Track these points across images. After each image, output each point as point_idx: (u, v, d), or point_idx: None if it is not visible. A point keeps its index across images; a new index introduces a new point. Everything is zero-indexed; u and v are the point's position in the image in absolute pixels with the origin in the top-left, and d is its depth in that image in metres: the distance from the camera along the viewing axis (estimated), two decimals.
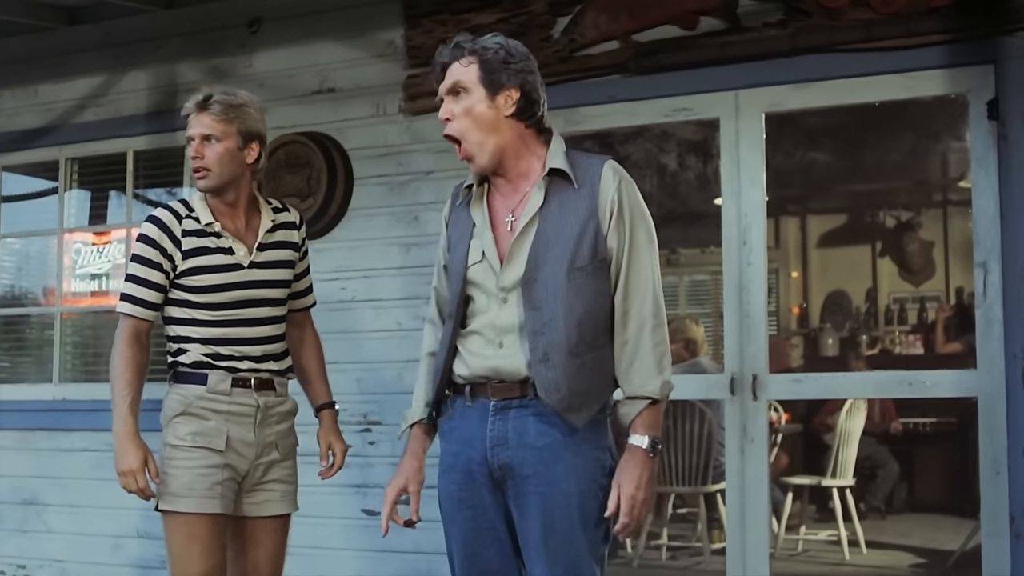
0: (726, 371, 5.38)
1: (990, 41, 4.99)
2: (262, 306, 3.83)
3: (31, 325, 7.49)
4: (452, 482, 3.24)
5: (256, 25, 6.41)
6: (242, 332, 3.80)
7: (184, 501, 3.71)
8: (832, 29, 5.21)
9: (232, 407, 3.76)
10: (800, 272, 12.65)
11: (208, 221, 3.79)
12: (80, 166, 7.12)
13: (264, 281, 3.83)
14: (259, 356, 3.82)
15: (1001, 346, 4.94)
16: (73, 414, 6.78)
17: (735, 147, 5.41)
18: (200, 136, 3.77)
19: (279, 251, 3.90)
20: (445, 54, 3.27)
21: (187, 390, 3.78)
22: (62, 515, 6.73)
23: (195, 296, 3.77)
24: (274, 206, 3.97)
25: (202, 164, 3.77)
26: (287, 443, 3.90)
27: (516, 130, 3.23)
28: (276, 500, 3.86)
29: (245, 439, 3.77)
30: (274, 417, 3.85)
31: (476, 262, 3.23)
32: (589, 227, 3.14)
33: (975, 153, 5.07)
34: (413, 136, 5.97)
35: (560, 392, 3.08)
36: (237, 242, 3.81)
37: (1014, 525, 4.86)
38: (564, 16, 5.69)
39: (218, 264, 3.78)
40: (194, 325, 3.79)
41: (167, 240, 3.77)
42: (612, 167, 3.22)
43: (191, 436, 3.74)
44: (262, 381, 3.81)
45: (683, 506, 8.16)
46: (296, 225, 3.98)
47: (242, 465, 3.77)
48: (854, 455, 8.13)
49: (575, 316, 3.10)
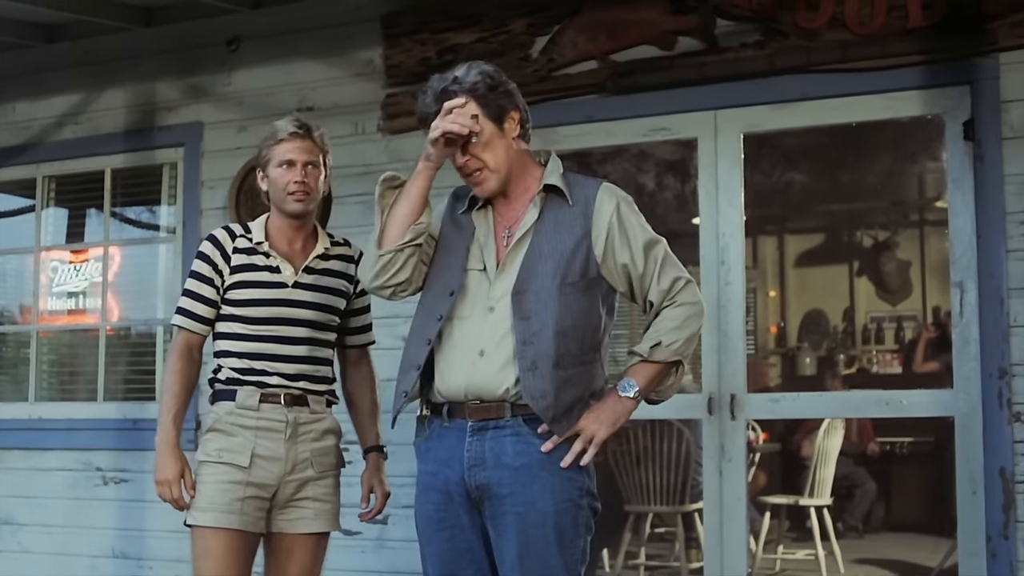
0: (704, 391, 5.39)
1: (966, 62, 5.02)
2: (301, 327, 3.85)
3: (7, 343, 7.45)
4: (429, 502, 3.24)
5: (235, 43, 6.42)
6: (277, 348, 3.82)
7: (204, 515, 3.72)
8: (809, 50, 5.24)
9: (260, 422, 3.77)
10: (778, 291, 12.67)
11: (259, 240, 3.87)
12: (57, 184, 7.10)
13: (306, 302, 3.86)
14: (292, 374, 3.82)
15: (977, 365, 4.96)
16: (49, 433, 6.75)
17: (713, 167, 5.43)
18: (305, 162, 3.84)
19: (330, 278, 3.94)
20: (431, 102, 3.25)
21: (219, 407, 3.83)
22: (37, 535, 6.69)
23: (237, 309, 3.83)
24: (334, 239, 4.03)
25: (307, 188, 3.85)
26: (324, 461, 3.86)
27: (520, 150, 3.30)
28: (310, 518, 3.82)
29: (273, 455, 3.76)
30: (310, 434, 3.83)
31: (475, 268, 3.26)
32: (582, 246, 3.19)
33: (951, 173, 5.10)
34: (392, 155, 5.97)
35: (547, 399, 3.10)
36: (284, 262, 3.87)
37: (991, 544, 4.88)
38: (543, 36, 5.70)
39: (262, 280, 3.84)
40: (234, 339, 3.84)
41: (219, 256, 3.86)
42: (608, 190, 3.27)
43: (217, 452, 3.76)
44: (294, 397, 3.82)
45: (661, 525, 8.15)
46: (355, 260, 3.99)
47: (269, 481, 3.75)
48: (832, 474, 8.14)
49: (563, 329, 3.13)
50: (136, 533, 6.39)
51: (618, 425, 3.19)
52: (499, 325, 3.17)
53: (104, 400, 6.71)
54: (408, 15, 5.98)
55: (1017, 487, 4.87)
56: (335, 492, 3.90)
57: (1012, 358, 4.90)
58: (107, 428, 6.57)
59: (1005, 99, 4.98)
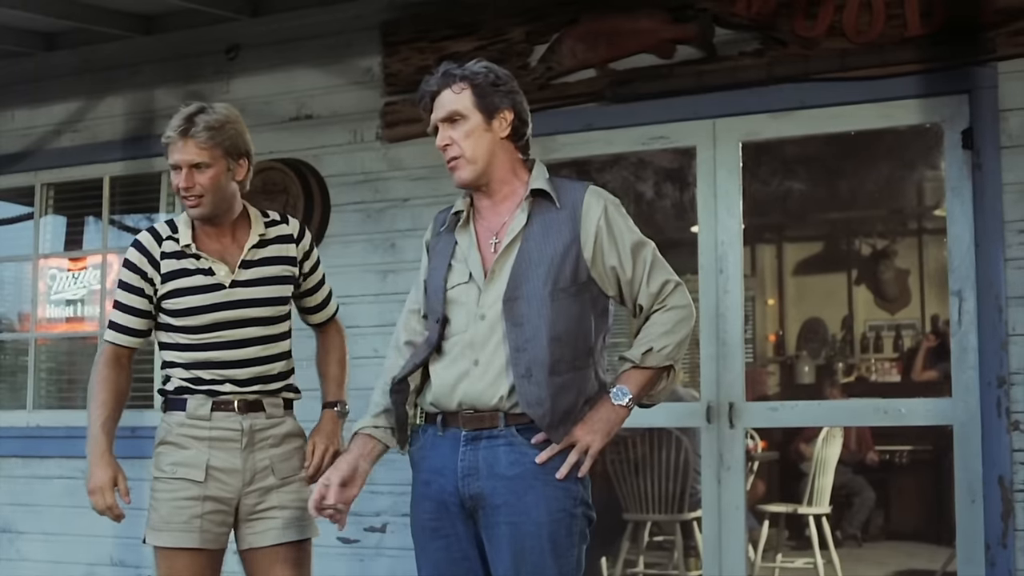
0: (703, 399, 5.39)
1: (964, 71, 5.03)
2: (248, 326, 3.65)
3: (5, 351, 7.45)
4: (424, 511, 3.23)
5: (234, 51, 6.42)
6: (225, 355, 3.63)
7: (162, 535, 3.60)
8: (808, 59, 5.24)
9: (214, 432, 3.60)
10: (776, 300, 12.67)
11: (186, 243, 3.65)
12: (56, 191, 7.10)
13: (249, 300, 3.65)
14: (244, 379, 3.64)
15: (976, 374, 4.96)
16: (47, 441, 6.74)
17: (712, 175, 5.43)
18: (188, 164, 3.58)
19: (270, 267, 3.72)
20: (433, 83, 3.26)
21: (169, 418, 3.67)
22: (36, 543, 6.68)
23: (175, 320, 3.64)
24: (270, 219, 3.80)
25: (194, 192, 3.59)
26: (287, 466, 3.68)
27: (509, 152, 3.26)
28: (279, 528, 3.65)
29: (230, 466, 3.60)
30: (267, 440, 3.66)
31: (460, 283, 3.23)
32: (571, 251, 3.16)
33: (950, 182, 5.10)
34: (390, 163, 5.98)
35: (543, 407, 3.08)
36: (217, 262, 3.65)
37: (989, 552, 4.88)
38: (541, 44, 5.71)
39: (197, 285, 3.63)
40: (177, 350, 3.66)
41: (147, 264, 3.66)
42: (594, 193, 3.24)
43: (171, 467, 3.62)
44: (248, 403, 3.64)
45: (660, 534, 8.14)
46: (294, 238, 3.79)
47: (227, 494, 3.61)
48: (830, 483, 8.14)
49: (556, 335, 3.11)
50: (134, 541, 6.30)
51: (612, 434, 3.17)
52: (491, 333, 3.16)
53: None
54: (407, 24, 5.99)
55: (1016, 495, 4.86)
56: (304, 498, 3.58)
57: (1011, 367, 4.90)
58: None
59: (1003, 108, 4.98)
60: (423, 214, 5.91)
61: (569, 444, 3.11)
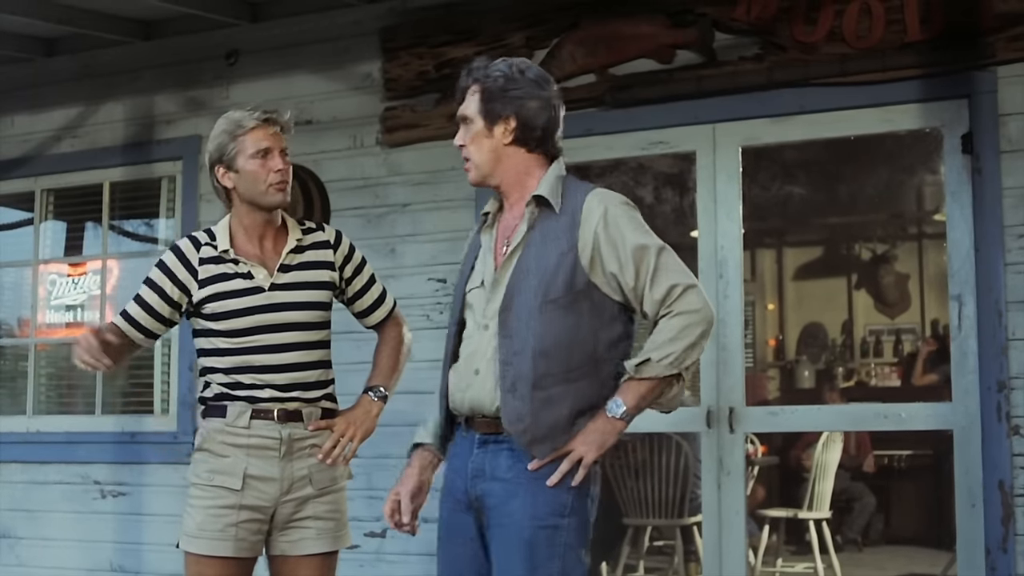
0: (703, 404, 5.39)
1: (964, 76, 5.03)
2: (288, 331, 3.64)
3: (5, 357, 7.45)
4: (446, 508, 3.26)
5: (234, 57, 6.43)
6: (265, 359, 3.62)
7: (196, 542, 3.59)
8: (807, 63, 5.24)
9: (252, 440, 3.59)
10: (776, 304, 12.69)
11: (224, 248, 3.65)
12: (56, 197, 7.10)
13: (288, 303, 3.65)
14: (284, 385, 3.63)
15: (976, 379, 4.96)
16: (47, 446, 6.74)
17: (711, 180, 5.44)
18: (282, 148, 3.65)
19: (309, 271, 3.72)
20: (461, 79, 3.28)
21: (208, 424, 3.66)
22: (35, 549, 6.68)
23: (216, 324, 3.64)
24: (305, 227, 3.80)
25: (287, 177, 3.66)
26: (324, 477, 3.67)
27: (518, 156, 3.23)
28: (312, 538, 3.65)
29: (268, 475, 3.59)
30: (306, 450, 3.64)
31: (475, 287, 3.25)
32: (567, 259, 3.12)
33: (949, 187, 5.10)
34: (390, 168, 5.98)
35: (523, 423, 3.08)
36: (256, 266, 3.65)
37: (989, 557, 4.87)
38: (541, 49, 5.71)
39: (237, 289, 3.63)
40: (217, 355, 3.66)
41: (182, 268, 3.66)
42: (597, 196, 3.19)
43: (208, 474, 3.61)
44: (288, 412, 3.63)
45: (660, 539, 8.14)
46: (330, 244, 3.79)
47: (264, 502, 3.60)
48: (830, 488, 8.14)
49: (544, 349, 3.08)
50: (134, 546, 6.38)
51: (606, 446, 3.11)
52: (491, 343, 3.16)
53: (102, 413, 6.71)
54: (406, 29, 5.99)
55: (1016, 500, 4.86)
56: (339, 509, 3.70)
57: (1010, 371, 4.90)
58: (105, 441, 6.56)
59: (1003, 112, 4.98)
60: (423, 219, 5.92)
61: (563, 454, 3.10)
